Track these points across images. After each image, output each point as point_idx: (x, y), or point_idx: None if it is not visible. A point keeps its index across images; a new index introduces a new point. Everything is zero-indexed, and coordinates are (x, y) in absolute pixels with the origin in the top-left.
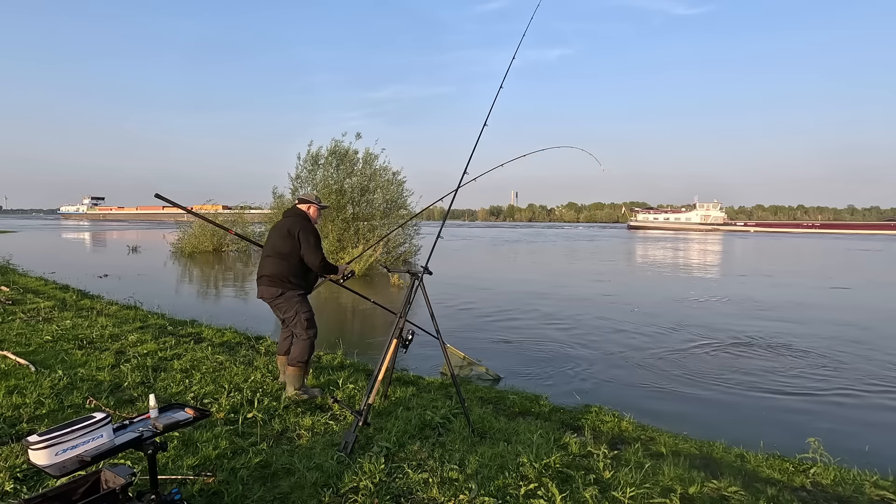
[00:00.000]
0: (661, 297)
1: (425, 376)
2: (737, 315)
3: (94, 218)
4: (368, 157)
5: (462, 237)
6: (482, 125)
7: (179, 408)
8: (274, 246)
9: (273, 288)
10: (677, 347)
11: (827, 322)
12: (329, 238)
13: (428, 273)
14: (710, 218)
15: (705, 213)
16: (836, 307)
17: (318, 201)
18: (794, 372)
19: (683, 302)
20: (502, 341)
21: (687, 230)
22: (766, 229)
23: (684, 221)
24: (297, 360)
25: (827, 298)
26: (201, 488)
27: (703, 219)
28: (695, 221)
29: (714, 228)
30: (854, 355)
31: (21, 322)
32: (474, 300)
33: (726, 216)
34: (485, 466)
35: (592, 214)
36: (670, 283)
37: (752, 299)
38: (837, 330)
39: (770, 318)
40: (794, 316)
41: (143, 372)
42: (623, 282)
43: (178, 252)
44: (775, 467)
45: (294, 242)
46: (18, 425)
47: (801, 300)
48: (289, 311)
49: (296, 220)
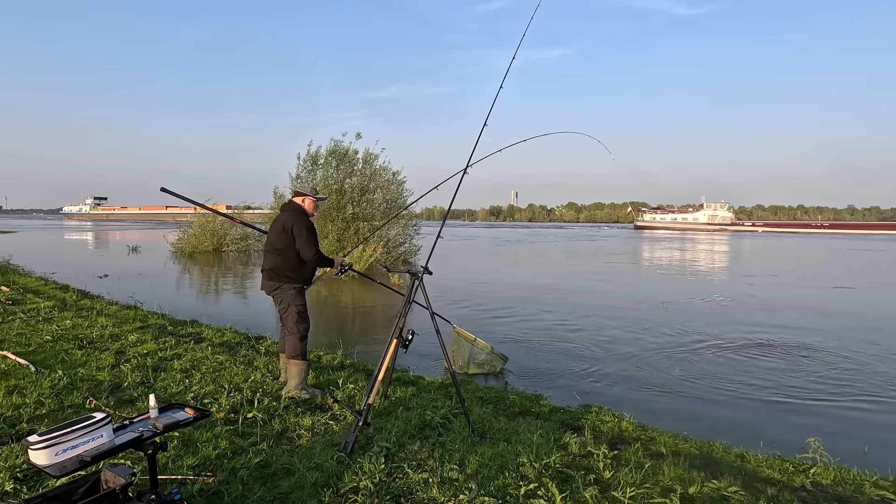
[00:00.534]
0: (668, 297)
1: (425, 376)
2: (742, 315)
3: (97, 218)
4: (368, 157)
5: (463, 237)
6: (482, 125)
7: (179, 408)
8: (272, 241)
9: (271, 282)
10: (678, 347)
11: (837, 323)
12: (329, 238)
13: (428, 273)
14: (718, 218)
15: (713, 213)
16: (851, 309)
17: (314, 193)
18: (795, 372)
19: (690, 302)
20: (503, 341)
21: (694, 230)
22: (775, 229)
23: (692, 221)
24: (293, 354)
25: (843, 300)
26: (201, 488)
27: (711, 219)
28: (702, 221)
29: (722, 228)
30: (866, 356)
31: (21, 322)
32: (477, 300)
33: (734, 216)
34: (485, 466)
35: (592, 214)
36: (681, 284)
37: (759, 298)
38: (850, 331)
39: (779, 319)
40: (803, 317)
41: (143, 372)
42: (628, 281)
43: (178, 252)
44: (775, 467)
45: (288, 237)
46: (18, 425)
47: (814, 301)
48: (283, 303)
49: (291, 215)
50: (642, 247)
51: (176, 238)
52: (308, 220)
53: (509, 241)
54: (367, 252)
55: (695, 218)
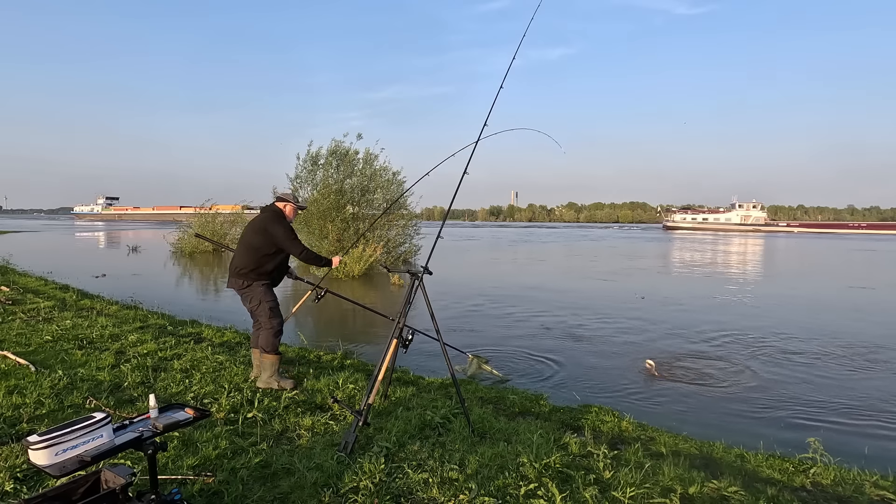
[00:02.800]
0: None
1: (425, 376)
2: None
3: (109, 218)
4: (368, 157)
5: (466, 237)
6: (482, 125)
7: (179, 408)
8: (247, 240)
9: (240, 279)
10: (680, 347)
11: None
12: (329, 238)
13: (428, 273)
14: (751, 218)
15: (745, 213)
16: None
17: (296, 201)
18: (798, 373)
19: (727, 306)
20: (503, 341)
21: (726, 231)
22: (811, 230)
23: (724, 222)
24: (266, 348)
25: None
26: (201, 488)
27: (744, 219)
28: (735, 222)
29: (756, 229)
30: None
31: (21, 322)
32: (478, 300)
33: (767, 216)
34: (485, 466)
35: (592, 214)
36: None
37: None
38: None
39: (792, 321)
40: (818, 317)
41: (143, 372)
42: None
43: (177, 252)
44: (775, 467)
45: (266, 237)
46: (18, 425)
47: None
48: (253, 300)
49: (270, 217)
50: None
51: (176, 238)
52: (287, 223)
53: (542, 241)
54: (367, 252)
55: (727, 218)
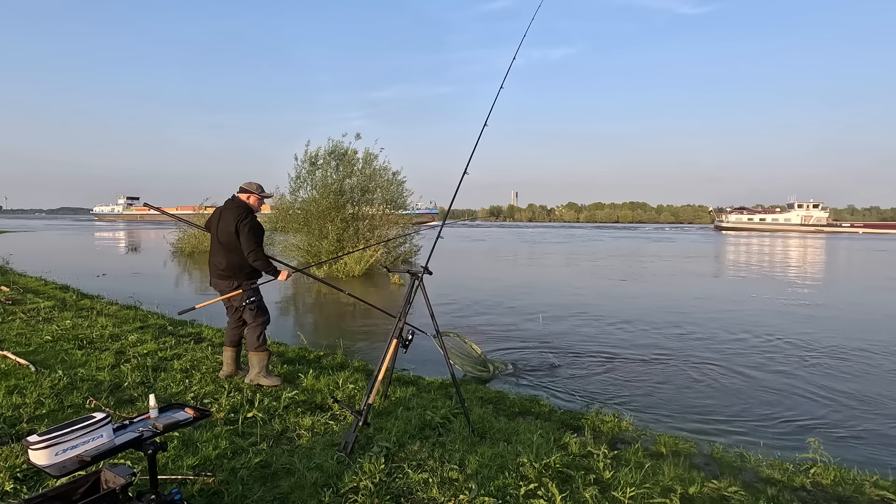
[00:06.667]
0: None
1: (425, 376)
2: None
3: (130, 218)
4: (368, 157)
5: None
6: (483, 125)
7: (179, 408)
8: (224, 241)
9: (227, 280)
10: (680, 348)
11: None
12: (329, 238)
13: (428, 273)
14: (813, 219)
15: (806, 213)
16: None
17: (259, 190)
18: (798, 373)
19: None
20: (503, 341)
21: (786, 231)
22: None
23: (783, 223)
24: (255, 346)
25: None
26: (201, 488)
27: (805, 220)
28: (794, 223)
29: (817, 230)
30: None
31: (21, 322)
32: (480, 300)
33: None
34: (485, 466)
35: (592, 214)
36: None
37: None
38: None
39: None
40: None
41: (143, 372)
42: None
43: (177, 252)
44: (775, 467)
45: (237, 237)
46: (18, 425)
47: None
48: (240, 300)
49: (236, 213)
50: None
51: (176, 238)
52: (254, 219)
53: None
54: (367, 252)
55: (786, 219)
